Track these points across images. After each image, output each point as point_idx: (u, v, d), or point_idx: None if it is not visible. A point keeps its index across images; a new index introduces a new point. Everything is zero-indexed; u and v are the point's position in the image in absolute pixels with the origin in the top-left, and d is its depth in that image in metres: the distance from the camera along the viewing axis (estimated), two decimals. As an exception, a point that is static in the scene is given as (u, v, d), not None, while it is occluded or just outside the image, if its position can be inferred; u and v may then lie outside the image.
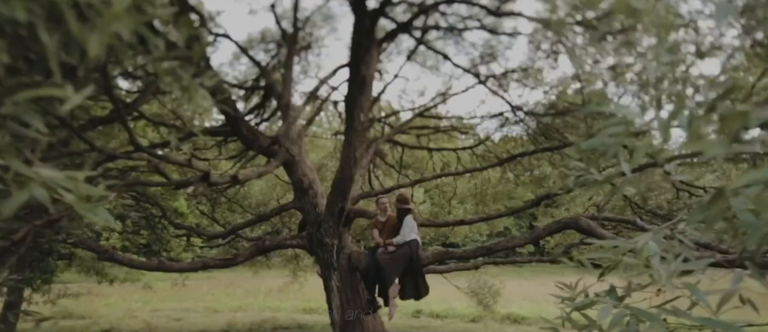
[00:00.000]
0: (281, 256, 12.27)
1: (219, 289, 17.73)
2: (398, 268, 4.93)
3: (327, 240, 5.75)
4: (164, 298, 15.21)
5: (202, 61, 4.68)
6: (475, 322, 12.41)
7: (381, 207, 5.45)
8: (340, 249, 5.76)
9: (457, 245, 25.47)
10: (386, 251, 4.98)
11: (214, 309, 14.24)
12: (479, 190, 10.21)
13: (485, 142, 8.66)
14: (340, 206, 5.58)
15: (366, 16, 4.92)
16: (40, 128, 0.75)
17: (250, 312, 14.03)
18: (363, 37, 5.04)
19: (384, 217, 5.36)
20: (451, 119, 9.00)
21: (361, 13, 4.86)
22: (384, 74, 8.48)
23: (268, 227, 10.43)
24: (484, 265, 7.48)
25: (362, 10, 4.87)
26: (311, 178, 6.14)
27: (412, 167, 10.45)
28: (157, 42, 0.99)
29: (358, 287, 5.61)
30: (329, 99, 8.37)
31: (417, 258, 4.96)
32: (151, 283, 14.52)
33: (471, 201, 11.34)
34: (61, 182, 0.72)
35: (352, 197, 6.05)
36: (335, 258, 5.73)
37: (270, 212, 7.07)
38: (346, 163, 5.30)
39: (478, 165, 8.53)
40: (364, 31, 4.97)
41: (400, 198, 5.27)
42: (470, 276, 12.21)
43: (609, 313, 0.84)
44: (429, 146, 9.21)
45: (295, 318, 13.11)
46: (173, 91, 1.11)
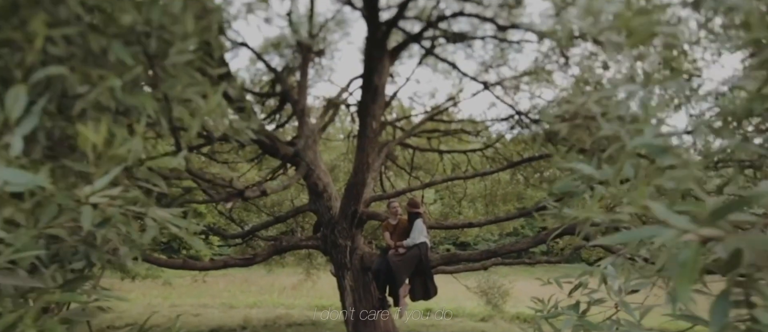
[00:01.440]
0: (295, 255, 12.61)
1: (235, 286, 18.21)
2: (408, 269, 5.18)
3: (341, 241, 6.01)
4: (183, 294, 15.72)
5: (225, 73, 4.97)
6: (484, 321, 12.60)
7: (392, 211, 5.70)
8: (353, 250, 6.02)
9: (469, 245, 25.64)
10: (397, 252, 5.23)
11: (230, 306, 14.68)
12: (489, 191, 10.39)
13: (494, 144, 8.81)
14: (353, 209, 5.84)
15: (378, 28, 5.15)
16: (161, 185, 1.01)
17: (265, 308, 14.43)
18: (375, 48, 5.27)
19: (395, 220, 5.61)
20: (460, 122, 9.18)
21: (374, 25, 5.09)
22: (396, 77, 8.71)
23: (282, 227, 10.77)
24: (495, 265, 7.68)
25: (375, 23, 5.09)
26: (325, 182, 6.40)
27: (423, 169, 10.66)
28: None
29: (370, 286, 5.87)
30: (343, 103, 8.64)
31: (426, 260, 5.20)
32: (171, 280, 15.04)
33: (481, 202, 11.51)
34: (171, 220, 0.98)
35: (365, 200, 6.30)
36: (349, 258, 5.99)
37: (286, 214, 7.36)
38: (359, 168, 5.55)
39: (488, 167, 8.72)
40: (376, 42, 5.19)
41: (411, 202, 5.51)
42: (479, 275, 12.39)
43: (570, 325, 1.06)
44: (439, 147, 9.41)
45: (308, 314, 13.46)
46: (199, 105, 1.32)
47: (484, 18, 4.80)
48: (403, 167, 9.84)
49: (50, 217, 0.84)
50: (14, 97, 0.81)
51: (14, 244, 0.76)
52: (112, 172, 0.88)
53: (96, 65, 0.99)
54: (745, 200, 0.67)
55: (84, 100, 1.00)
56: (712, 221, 0.64)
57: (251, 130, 1.38)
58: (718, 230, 0.64)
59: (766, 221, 0.71)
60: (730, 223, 0.67)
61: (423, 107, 9.31)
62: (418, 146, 9.25)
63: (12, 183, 0.78)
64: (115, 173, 0.87)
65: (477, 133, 9.09)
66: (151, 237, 1.04)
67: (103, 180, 0.85)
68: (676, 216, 0.67)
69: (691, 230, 0.64)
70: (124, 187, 0.96)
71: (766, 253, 0.64)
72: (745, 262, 0.65)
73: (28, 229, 0.79)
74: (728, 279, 0.65)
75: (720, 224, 0.65)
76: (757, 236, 0.63)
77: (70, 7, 0.91)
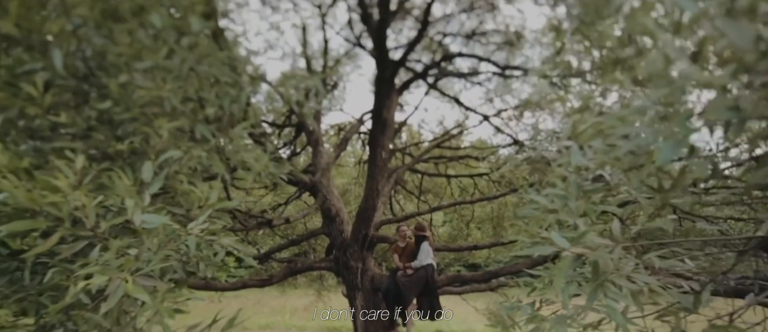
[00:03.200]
0: (307, 277, 12.94)
1: (248, 307, 18.50)
2: (416, 289, 5.53)
3: (352, 263, 6.39)
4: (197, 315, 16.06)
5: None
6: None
7: (401, 234, 6.10)
8: (364, 272, 6.39)
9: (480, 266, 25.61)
10: (405, 274, 5.60)
11: (244, 327, 14.98)
12: (496, 214, 10.69)
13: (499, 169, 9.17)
14: (364, 233, 6.24)
15: (387, 67, 5.67)
16: (227, 220, 1.46)
17: (277, 329, 14.68)
18: (384, 84, 5.79)
19: (403, 243, 6.00)
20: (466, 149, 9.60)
21: (383, 64, 5.61)
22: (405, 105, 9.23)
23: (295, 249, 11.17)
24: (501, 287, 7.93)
25: (384, 62, 5.61)
26: (338, 207, 6.83)
27: (431, 192, 11.05)
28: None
29: (380, 306, 6.20)
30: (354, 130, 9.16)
31: (432, 281, 5.55)
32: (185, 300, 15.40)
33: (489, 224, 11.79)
34: (234, 245, 1.42)
35: (375, 224, 6.70)
36: (359, 279, 6.36)
37: (301, 237, 7.77)
38: (370, 194, 5.99)
39: (495, 190, 9.07)
40: (385, 80, 5.71)
41: (417, 226, 5.91)
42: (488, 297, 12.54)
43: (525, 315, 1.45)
44: (447, 172, 9.80)
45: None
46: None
47: (482, 58, 5.28)
48: (412, 191, 10.24)
49: (166, 243, 1.28)
50: (147, 169, 1.28)
51: (152, 260, 1.20)
52: (204, 213, 1.33)
53: (189, 141, 1.46)
54: (602, 226, 1.09)
55: (179, 163, 1.46)
56: (578, 241, 1.05)
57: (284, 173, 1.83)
58: (584, 249, 1.06)
59: (615, 241, 1.12)
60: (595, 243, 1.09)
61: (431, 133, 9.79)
62: (427, 172, 9.66)
63: (148, 222, 1.23)
64: (207, 214, 1.32)
65: (482, 158, 9.49)
66: (221, 258, 1.47)
67: (200, 219, 1.30)
68: (560, 238, 1.09)
69: (566, 248, 1.06)
70: (207, 222, 1.41)
71: (613, 262, 1.05)
72: (602, 269, 1.06)
73: (158, 252, 1.23)
74: (593, 281, 1.06)
75: (587, 242, 1.07)
76: (603, 253, 1.05)
77: (186, 115, 1.39)
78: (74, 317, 1.24)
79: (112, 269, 1.11)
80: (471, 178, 9.67)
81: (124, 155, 1.37)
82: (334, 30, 8.67)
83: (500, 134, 7.83)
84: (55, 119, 1.37)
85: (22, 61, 1.38)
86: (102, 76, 1.46)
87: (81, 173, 1.17)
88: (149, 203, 1.29)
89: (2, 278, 1.27)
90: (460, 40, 6.17)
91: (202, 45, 1.49)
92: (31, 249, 1.18)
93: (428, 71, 5.93)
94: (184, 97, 1.43)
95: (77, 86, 1.48)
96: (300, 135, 8.19)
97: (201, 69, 1.51)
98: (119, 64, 1.41)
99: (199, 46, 1.48)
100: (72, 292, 1.10)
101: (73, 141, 1.52)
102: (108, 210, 1.35)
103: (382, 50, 5.35)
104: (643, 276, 1.21)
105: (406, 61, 5.50)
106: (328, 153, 7.34)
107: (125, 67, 1.40)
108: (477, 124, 8.09)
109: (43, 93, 1.35)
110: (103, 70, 1.45)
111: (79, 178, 1.15)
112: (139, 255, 1.18)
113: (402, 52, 5.72)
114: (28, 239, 1.27)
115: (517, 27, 6.09)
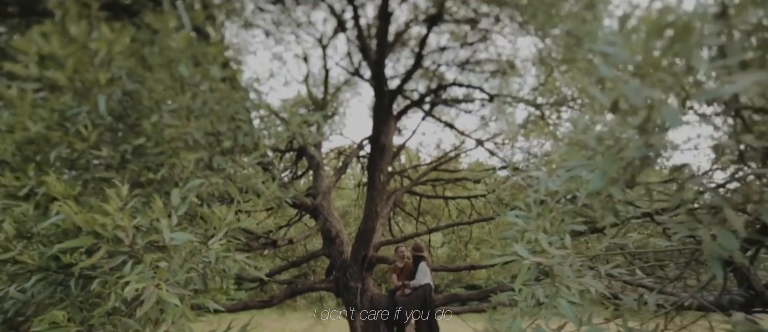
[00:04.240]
0: (307, 298, 12.99)
1: (247, 331, 18.38)
2: (414, 308, 5.68)
3: (352, 284, 6.55)
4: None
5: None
6: (495, 366, 12.61)
7: (399, 255, 6.29)
8: (363, 292, 6.55)
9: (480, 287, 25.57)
10: (403, 293, 5.76)
11: (243, 350, 14.89)
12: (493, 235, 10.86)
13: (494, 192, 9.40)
14: (363, 254, 6.43)
15: (385, 96, 5.98)
16: (242, 239, 1.69)
17: (277, 353, 14.60)
18: (382, 112, 6.09)
19: (402, 263, 6.19)
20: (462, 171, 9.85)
21: (381, 93, 5.92)
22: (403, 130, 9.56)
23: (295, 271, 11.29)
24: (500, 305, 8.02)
25: (382, 91, 5.92)
26: (338, 229, 7.04)
27: (429, 214, 11.26)
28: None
29: (379, 326, 6.33)
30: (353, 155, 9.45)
31: (430, 300, 5.71)
32: (186, 324, 15.37)
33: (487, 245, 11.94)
34: (246, 261, 1.66)
35: (374, 245, 6.89)
36: (359, 299, 6.51)
37: (301, 258, 7.94)
38: (369, 216, 6.22)
39: (492, 211, 9.28)
40: (383, 107, 6.02)
41: (415, 247, 6.11)
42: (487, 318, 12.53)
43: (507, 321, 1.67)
44: (445, 194, 10.03)
45: (320, 360, 13.60)
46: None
47: (474, 87, 5.60)
48: (411, 213, 10.44)
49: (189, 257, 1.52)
50: (176, 195, 1.53)
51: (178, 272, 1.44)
52: (222, 231, 1.57)
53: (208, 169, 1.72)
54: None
55: (199, 189, 1.71)
56: (538, 252, 1.29)
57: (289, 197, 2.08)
58: (543, 258, 1.30)
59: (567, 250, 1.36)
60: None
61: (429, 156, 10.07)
62: (425, 194, 9.89)
63: (176, 239, 1.48)
64: (224, 232, 1.57)
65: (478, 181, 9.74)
66: (235, 272, 1.71)
67: (219, 235, 1.55)
68: (523, 250, 1.33)
69: (527, 257, 1.30)
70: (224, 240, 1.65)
71: (561, 271, 1.29)
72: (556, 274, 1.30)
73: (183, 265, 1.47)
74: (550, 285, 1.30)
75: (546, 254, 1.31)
76: (554, 259, 1.29)
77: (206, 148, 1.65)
78: (113, 321, 1.46)
79: (147, 278, 1.34)
80: (468, 199, 9.89)
81: (155, 183, 1.62)
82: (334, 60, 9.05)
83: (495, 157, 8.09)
84: (97, 153, 1.63)
85: (71, 106, 1.65)
86: (135, 115, 1.73)
87: (124, 199, 1.42)
88: (178, 225, 1.53)
89: (54, 287, 1.50)
90: (455, 68, 6.53)
91: (220, 89, 1.76)
92: (78, 264, 1.42)
93: (424, 99, 6.24)
94: (204, 132, 1.69)
95: (114, 124, 1.74)
96: (301, 159, 8.47)
97: (219, 109, 1.78)
98: (151, 105, 1.68)
99: (218, 89, 1.75)
100: (114, 298, 1.33)
101: (108, 171, 1.78)
102: (139, 230, 1.59)
103: (380, 79, 5.67)
104: (592, 281, 1.44)
105: (403, 89, 5.81)
106: (328, 177, 7.60)
107: (156, 108, 1.67)
108: (473, 147, 8.36)
109: (90, 131, 1.62)
110: (136, 111, 1.72)
111: (123, 203, 1.40)
112: (170, 268, 1.42)
113: (399, 81, 6.05)
114: (75, 255, 1.51)
115: (509, 56, 6.45)
